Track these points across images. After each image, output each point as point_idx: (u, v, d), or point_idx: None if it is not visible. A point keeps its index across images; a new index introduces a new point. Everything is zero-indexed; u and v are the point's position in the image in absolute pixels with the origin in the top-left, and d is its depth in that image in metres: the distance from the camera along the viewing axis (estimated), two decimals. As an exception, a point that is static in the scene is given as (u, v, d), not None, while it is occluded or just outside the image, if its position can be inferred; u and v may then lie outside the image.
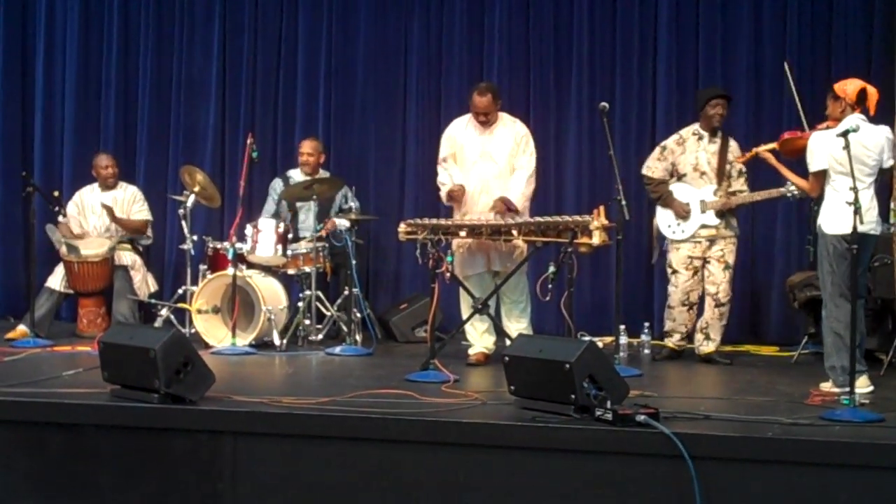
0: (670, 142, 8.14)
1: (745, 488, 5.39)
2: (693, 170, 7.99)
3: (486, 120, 7.88)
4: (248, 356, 8.04)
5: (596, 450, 5.50)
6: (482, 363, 7.77)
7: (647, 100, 9.51)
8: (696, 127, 8.07)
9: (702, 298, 8.03)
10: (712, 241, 7.93)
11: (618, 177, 7.49)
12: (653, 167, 8.13)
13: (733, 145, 8.02)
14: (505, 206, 7.72)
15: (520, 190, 7.81)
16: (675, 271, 8.03)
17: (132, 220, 9.33)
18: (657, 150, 8.20)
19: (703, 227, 7.92)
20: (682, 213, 7.96)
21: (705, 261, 7.97)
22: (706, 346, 7.96)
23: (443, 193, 8.01)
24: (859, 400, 6.07)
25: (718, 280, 7.91)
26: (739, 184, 7.99)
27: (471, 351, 7.92)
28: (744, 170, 7.95)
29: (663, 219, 8.07)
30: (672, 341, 8.12)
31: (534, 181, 7.95)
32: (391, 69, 9.91)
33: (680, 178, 8.04)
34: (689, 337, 8.12)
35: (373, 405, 6.02)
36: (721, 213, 7.91)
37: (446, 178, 7.95)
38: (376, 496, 5.71)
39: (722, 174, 7.94)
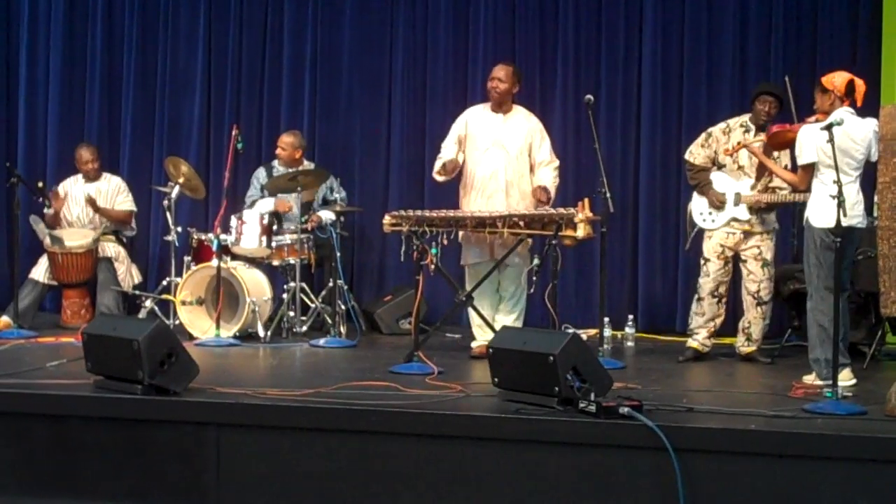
0: (716, 129, 7.88)
1: (728, 480, 5.41)
2: (732, 161, 7.75)
3: (500, 91, 7.87)
4: (233, 348, 8.04)
5: (579, 442, 5.51)
6: (484, 356, 7.68)
7: (633, 93, 9.51)
8: (745, 118, 7.83)
9: (730, 294, 7.90)
10: (747, 234, 7.71)
11: (602, 170, 7.49)
12: (696, 153, 7.88)
13: (754, 140, 7.69)
14: (546, 195, 7.79)
15: (550, 181, 7.89)
16: (707, 260, 7.79)
17: (116, 210, 9.32)
18: (702, 136, 7.92)
19: (734, 220, 7.69)
20: (717, 203, 7.71)
21: (739, 256, 7.76)
22: (747, 347, 7.78)
23: (437, 166, 7.99)
24: (842, 393, 6.08)
25: (759, 277, 7.69)
26: (780, 182, 7.69)
27: (473, 344, 7.91)
28: (788, 166, 7.59)
29: (697, 206, 7.84)
30: (698, 341, 7.86)
31: (558, 172, 8.02)
32: (376, 61, 9.91)
33: (720, 167, 7.81)
34: (714, 335, 7.95)
35: (356, 397, 6.03)
36: (753, 210, 7.68)
37: (445, 154, 7.94)
38: (359, 487, 5.72)
39: (763, 170, 7.67)
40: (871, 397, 6.15)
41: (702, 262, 7.86)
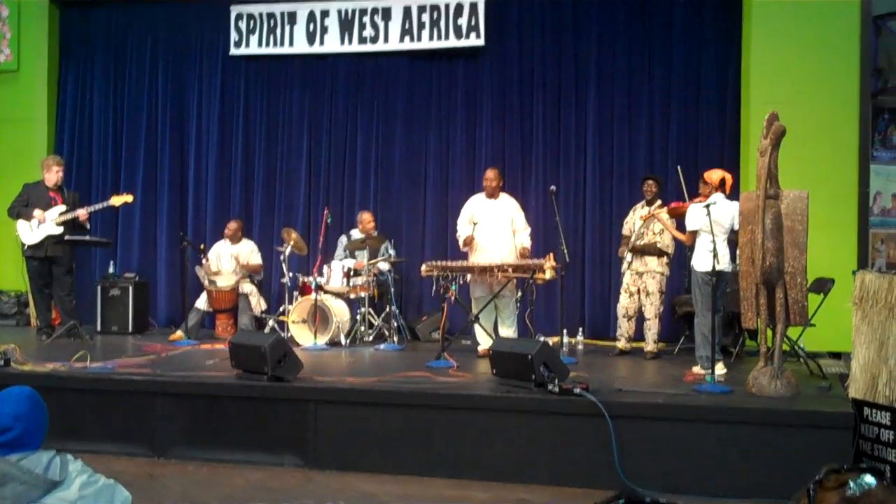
0: (630, 212, 8.13)
1: (644, 436, 5.42)
2: (628, 227, 7.98)
3: (491, 186, 7.90)
4: (324, 350, 8.05)
5: (548, 411, 5.54)
6: (486, 355, 7.65)
7: (581, 186, 9.50)
8: (641, 202, 8.03)
9: (640, 314, 7.86)
10: (640, 274, 7.74)
11: (562, 234, 7.56)
12: (623, 229, 8.12)
13: (659, 211, 7.81)
14: (527, 251, 7.79)
15: (527, 242, 7.87)
16: (619, 294, 7.93)
17: (251, 265, 9.36)
18: (625, 218, 8.19)
19: (630, 263, 7.80)
20: (622, 255, 7.91)
21: (639, 290, 7.77)
22: (647, 346, 7.77)
23: (459, 241, 8.02)
24: (717, 378, 6.12)
25: (646, 304, 7.74)
26: (657, 235, 7.73)
27: (479, 347, 7.84)
28: (663, 229, 7.66)
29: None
30: (620, 344, 7.93)
31: (528, 234, 8.00)
32: (415, 163, 9.93)
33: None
34: (631, 340, 7.94)
35: (404, 382, 6.07)
36: (637, 255, 7.76)
37: (462, 231, 7.97)
38: (407, 440, 5.74)
39: (641, 233, 7.77)
40: (736, 381, 6.16)
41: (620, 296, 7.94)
